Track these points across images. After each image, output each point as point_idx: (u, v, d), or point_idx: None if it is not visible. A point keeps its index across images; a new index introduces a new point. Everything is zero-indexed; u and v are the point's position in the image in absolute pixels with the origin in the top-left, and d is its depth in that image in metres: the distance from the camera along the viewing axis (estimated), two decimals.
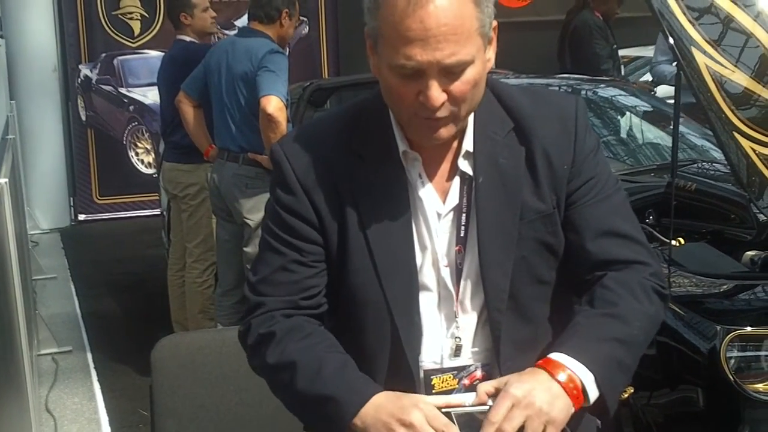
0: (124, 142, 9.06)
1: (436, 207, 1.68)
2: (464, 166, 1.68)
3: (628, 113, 5.04)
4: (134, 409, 4.31)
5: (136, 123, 9.10)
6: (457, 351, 1.69)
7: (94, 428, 4.32)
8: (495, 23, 1.63)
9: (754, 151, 3.31)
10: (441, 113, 1.58)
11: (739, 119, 3.30)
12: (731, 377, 2.78)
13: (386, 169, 1.67)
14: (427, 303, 1.69)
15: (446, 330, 1.70)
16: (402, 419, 1.51)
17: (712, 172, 4.34)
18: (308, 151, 1.71)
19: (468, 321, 1.69)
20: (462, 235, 1.68)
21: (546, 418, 1.48)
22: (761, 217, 3.47)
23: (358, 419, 1.55)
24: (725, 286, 3.16)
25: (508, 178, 1.67)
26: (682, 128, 4.14)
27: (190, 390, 2.56)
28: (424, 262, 1.68)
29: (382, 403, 1.55)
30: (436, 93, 1.56)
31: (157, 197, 6.47)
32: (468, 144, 1.67)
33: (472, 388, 1.66)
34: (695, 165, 4.42)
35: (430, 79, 1.55)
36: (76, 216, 8.87)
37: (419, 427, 1.50)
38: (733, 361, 2.81)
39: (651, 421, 3.01)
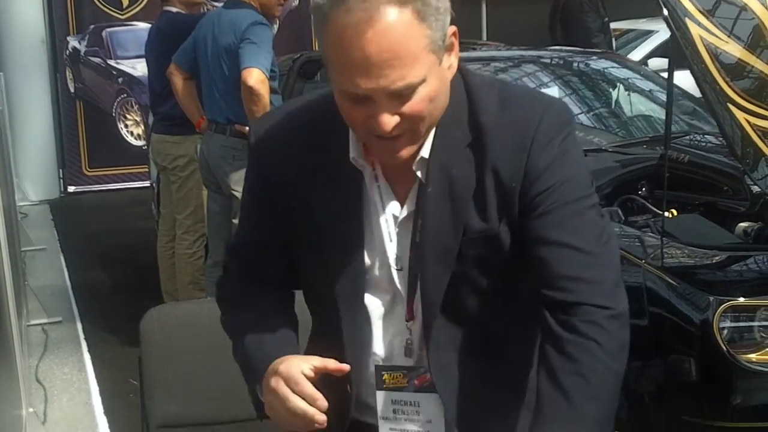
0: (113, 114, 9.02)
1: (394, 210, 1.65)
2: (419, 172, 1.62)
3: (620, 85, 5.01)
4: (124, 379, 4.30)
5: (125, 95, 9.05)
6: (407, 352, 1.68)
7: (84, 398, 4.32)
8: (453, 29, 1.53)
9: (748, 122, 3.30)
10: (397, 132, 1.51)
11: (734, 91, 3.28)
12: (724, 347, 2.79)
13: (344, 168, 1.63)
14: (381, 302, 1.67)
15: (398, 330, 1.68)
16: (275, 376, 1.58)
17: (705, 144, 4.33)
18: (275, 139, 1.69)
19: (417, 324, 1.67)
20: (418, 240, 1.64)
21: None
22: (755, 188, 3.47)
23: (263, 380, 1.62)
24: (718, 257, 3.15)
25: (457, 191, 1.59)
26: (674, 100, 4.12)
27: (180, 360, 2.54)
28: (377, 263, 1.65)
29: (272, 365, 1.61)
30: (386, 119, 1.48)
31: (147, 169, 6.43)
32: (425, 151, 1.60)
33: (421, 389, 1.66)
34: (688, 137, 4.41)
35: (378, 105, 1.48)
36: (65, 188, 8.83)
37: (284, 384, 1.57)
38: (726, 331, 2.81)
39: (643, 391, 3.01)
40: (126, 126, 9.04)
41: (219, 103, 4.42)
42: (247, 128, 4.18)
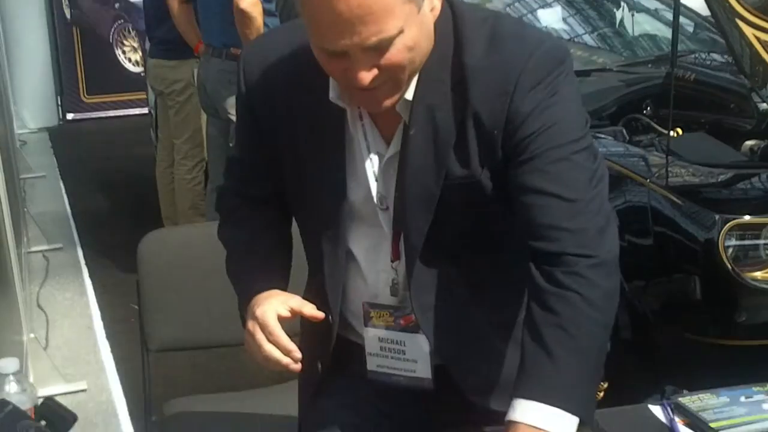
0: (111, 41, 8.89)
1: (379, 149, 1.59)
2: (403, 113, 1.55)
3: (624, 4, 4.91)
4: (125, 303, 4.27)
5: (123, 21, 8.91)
6: (393, 291, 1.64)
7: (86, 323, 4.32)
8: None
9: (757, 39, 3.25)
10: (376, 84, 1.44)
11: (743, 6, 3.21)
12: (729, 266, 2.77)
13: (327, 106, 1.56)
14: (366, 238, 1.64)
15: (383, 269, 1.64)
16: (252, 321, 1.59)
17: (711, 63, 4.27)
18: (263, 65, 1.64)
19: (402, 265, 1.62)
20: (402, 182, 1.58)
21: None
22: (762, 106, 3.42)
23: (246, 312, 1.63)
24: (724, 176, 3.12)
25: (440, 136, 1.53)
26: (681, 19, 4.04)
27: (178, 284, 2.52)
28: (363, 200, 1.61)
29: (252, 302, 1.61)
30: (363, 73, 1.41)
31: (146, 96, 6.37)
32: (409, 93, 1.53)
33: (407, 329, 1.64)
34: (693, 55, 4.33)
35: (354, 60, 1.41)
36: (64, 115, 8.77)
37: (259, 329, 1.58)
38: (731, 249, 2.79)
39: (647, 309, 3.00)
40: (124, 52, 8.93)
41: (214, 27, 4.34)
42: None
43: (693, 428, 1.64)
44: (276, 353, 1.56)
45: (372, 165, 1.59)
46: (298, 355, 1.56)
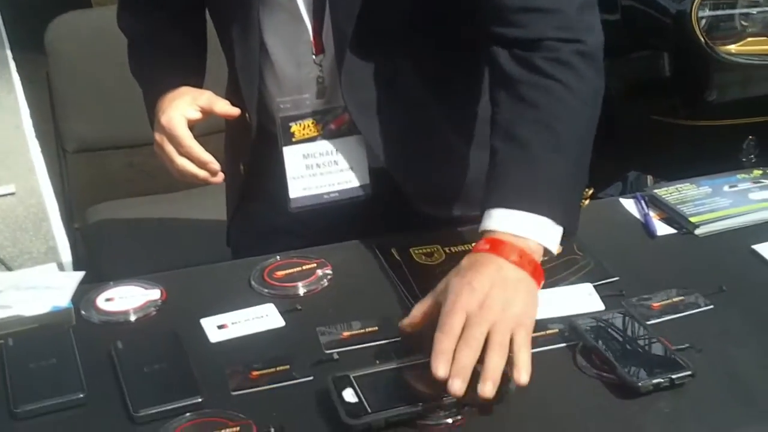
0: None
1: None
2: None
3: None
4: None
5: None
6: (320, 91, 1.42)
7: (15, 122, 4.15)
8: None
9: None
10: None
11: None
12: (702, 38, 2.61)
13: None
14: (286, 29, 1.40)
15: (306, 62, 1.41)
16: (159, 133, 1.40)
17: None
18: None
19: (329, 58, 1.39)
20: None
21: (514, 321, 1.07)
22: None
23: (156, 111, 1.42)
24: None
25: None
26: None
27: (95, 75, 2.30)
28: None
29: (158, 106, 1.41)
30: None
31: None
32: None
33: (339, 133, 1.41)
34: None
35: None
36: None
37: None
38: (704, 21, 2.62)
39: (611, 89, 2.81)
40: None
41: None
42: None
43: (670, 223, 1.45)
44: (190, 167, 1.36)
45: None
46: (216, 166, 1.36)
